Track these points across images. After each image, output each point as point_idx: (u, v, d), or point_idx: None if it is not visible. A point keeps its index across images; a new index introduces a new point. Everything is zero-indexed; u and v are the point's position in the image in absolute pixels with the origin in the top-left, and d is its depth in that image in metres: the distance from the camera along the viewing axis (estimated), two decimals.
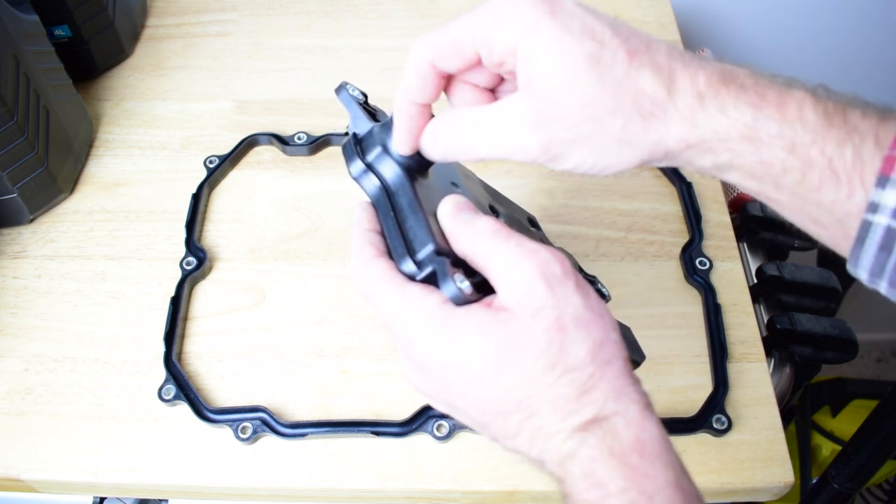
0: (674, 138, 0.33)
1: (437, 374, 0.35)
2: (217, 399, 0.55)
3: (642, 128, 0.33)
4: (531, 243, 0.34)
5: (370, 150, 0.39)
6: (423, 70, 0.36)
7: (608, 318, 0.34)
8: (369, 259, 0.36)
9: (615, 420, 0.32)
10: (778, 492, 0.52)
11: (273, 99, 0.74)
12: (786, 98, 0.31)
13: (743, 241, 0.71)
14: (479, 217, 0.36)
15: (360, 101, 0.43)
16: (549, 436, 0.33)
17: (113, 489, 0.53)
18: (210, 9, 0.83)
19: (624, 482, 0.30)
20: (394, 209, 0.38)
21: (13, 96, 0.58)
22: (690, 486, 0.32)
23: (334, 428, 0.52)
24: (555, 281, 0.33)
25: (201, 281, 0.61)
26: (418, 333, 0.34)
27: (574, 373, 0.32)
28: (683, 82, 0.33)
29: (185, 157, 0.69)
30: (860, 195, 0.30)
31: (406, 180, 0.38)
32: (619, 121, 0.33)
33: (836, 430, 1.04)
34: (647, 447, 0.31)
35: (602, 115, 0.33)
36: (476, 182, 0.48)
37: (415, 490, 0.51)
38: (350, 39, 0.79)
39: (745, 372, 0.55)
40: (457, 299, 0.34)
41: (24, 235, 0.64)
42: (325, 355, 0.57)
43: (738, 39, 1.01)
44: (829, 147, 0.30)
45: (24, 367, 0.56)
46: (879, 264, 0.30)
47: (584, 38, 0.33)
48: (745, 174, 0.33)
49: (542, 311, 0.33)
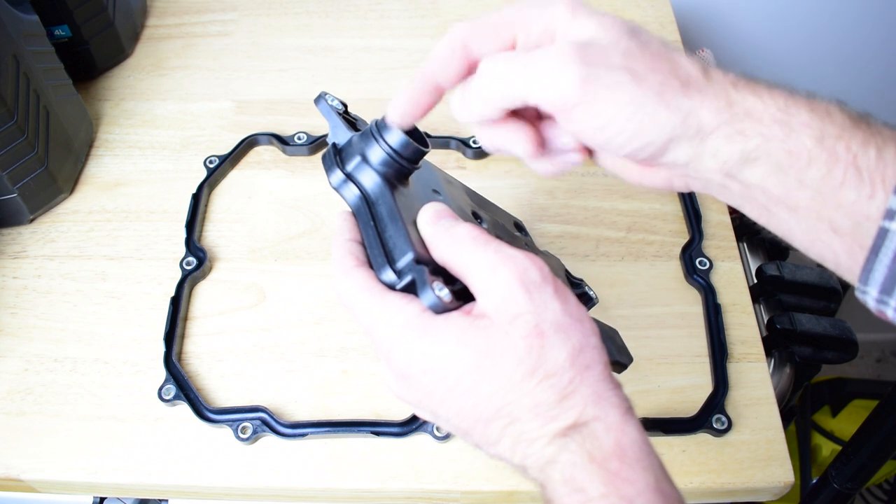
0: (709, 109, 0.32)
1: (417, 381, 0.35)
2: (217, 399, 0.55)
3: (680, 91, 0.33)
4: (510, 249, 0.34)
5: (350, 160, 0.39)
6: (454, 48, 0.36)
7: (588, 324, 0.34)
8: (349, 269, 0.37)
9: (595, 425, 0.32)
10: (778, 492, 0.52)
11: (273, 99, 0.74)
12: (814, 99, 0.32)
13: (743, 241, 0.71)
14: (458, 224, 0.36)
15: (339, 111, 0.43)
16: (531, 441, 0.33)
17: (113, 489, 0.53)
18: (210, 9, 0.83)
19: (604, 487, 0.31)
20: (374, 218, 0.38)
21: (13, 96, 0.58)
22: (671, 490, 0.32)
23: (334, 428, 0.52)
24: (533, 287, 0.33)
25: (201, 281, 0.61)
26: (398, 342, 0.35)
27: (553, 378, 0.32)
28: (717, 73, 0.33)
29: (185, 157, 0.69)
30: (881, 197, 0.30)
31: (386, 189, 0.38)
32: (659, 76, 0.32)
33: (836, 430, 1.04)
34: (627, 452, 0.31)
35: (642, 68, 0.33)
36: (459, 188, 0.48)
37: (415, 490, 0.51)
38: (350, 39, 0.79)
39: (745, 372, 0.55)
40: (436, 307, 0.34)
41: (24, 235, 0.64)
42: (325, 355, 0.57)
43: (738, 39, 1.01)
44: (855, 144, 0.30)
45: (24, 367, 0.56)
46: (892, 277, 0.30)
47: (618, 19, 0.34)
48: (772, 166, 0.32)
49: (520, 318, 0.33)
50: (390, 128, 0.38)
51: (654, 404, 0.54)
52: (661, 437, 0.52)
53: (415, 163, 0.40)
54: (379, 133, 0.39)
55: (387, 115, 0.38)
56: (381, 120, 0.39)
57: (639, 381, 0.55)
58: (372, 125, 0.39)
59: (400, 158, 0.39)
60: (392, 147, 0.39)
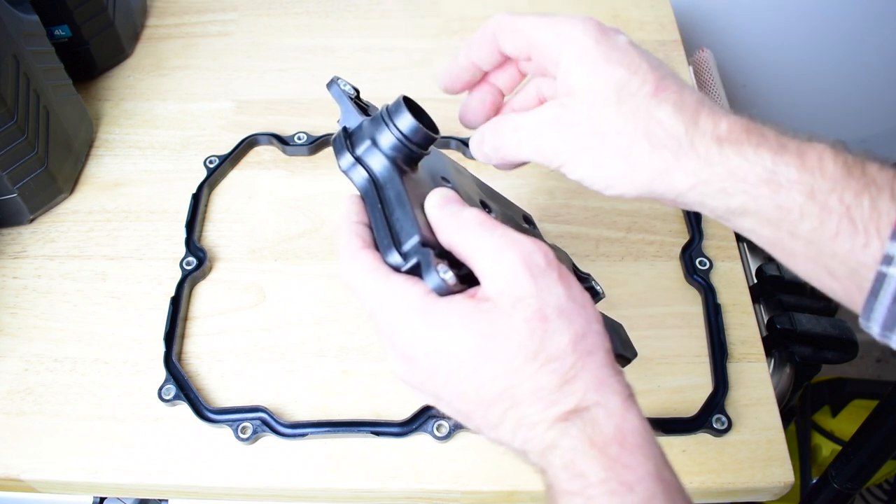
0: (684, 171, 0.34)
1: (420, 364, 0.35)
2: (217, 399, 0.55)
3: (648, 152, 0.34)
4: (515, 234, 0.35)
5: (360, 144, 0.40)
6: (487, 36, 0.40)
7: (591, 310, 0.34)
8: (355, 250, 0.37)
9: (596, 410, 0.32)
10: (778, 492, 0.52)
11: (273, 99, 0.74)
12: (806, 149, 0.32)
13: (743, 241, 0.71)
14: (465, 208, 0.36)
15: (351, 96, 0.43)
16: (532, 426, 0.33)
17: (113, 489, 0.53)
18: (210, 9, 0.83)
19: (604, 473, 0.31)
20: (381, 202, 0.38)
21: (13, 96, 0.58)
22: (672, 478, 0.32)
23: (334, 428, 0.52)
24: (538, 271, 0.33)
25: (201, 281, 0.61)
26: (401, 324, 0.35)
27: (555, 362, 0.32)
28: (705, 125, 0.34)
29: (185, 157, 0.69)
30: (876, 245, 0.30)
31: (395, 173, 0.39)
32: (625, 140, 0.35)
33: (836, 430, 1.04)
34: (627, 438, 0.31)
35: (609, 131, 0.35)
36: (468, 178, 0.48)
37: (415, 490, 0.51)
38: (350, 39, 0.79)
39: (745, 372, 0.55)
40: (440, 290, 0.35)
41: (24, 235, 0.64)
42: (325, 355, 0.57)
43: (738, 39, 1.01)
44: (848, 196, 0.31)
45: (24, 367, 0.56)
46: (892, 317, 0.30)
47: (619, 66, 0.36)
48: (761, 220, 0.33)
49: (523, 301, 0.33)
50: (401, 112, 0.39)
51: (654, 404, 0.54)
52: (661, 437, 0.52)
53: (424, 148, 0.40)
54: (389, 118, 0.39)
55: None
56: (391, 105, 0.39)
57: (639, 381, 0.55)
58: (383, 110, 0.40)
59: (409, 143, 0.39)
60: (402, 132, 0.39)
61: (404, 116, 0.39)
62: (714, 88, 0.80)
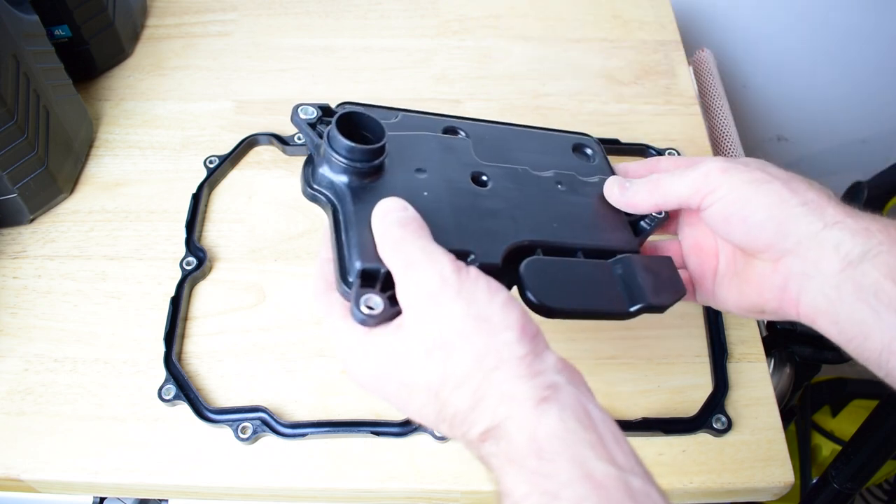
0: (833, 207, 0.38)
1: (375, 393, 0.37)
2: (217, 399, 0.55)
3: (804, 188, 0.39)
4: (424, 251, 0.34)
5: (316, 172, 0.39)
6: (648, 167, 0.48)
7: (498, 318, 0.33)
8: (319, 294, 0.39)
9: (507, 424, 0.31)
10: (778, 492, 0.52)
11: (273, 99, 0.74)
12: None
13: None
14: (392, 225, 0.36)
15: (311, 122, 0.42)
16: (470, 445, 0.34)
17: (113, 489, 0.53)
18: (210, 9, 0.83)
19: (525, 487, 0.30)
20: (337, 229, 0.38)
21: (13, 96, 0.58)
22: (607, 471, 0.29)
23: (334, 428, 0.52)
24: (437, 291, 0.33)
25: (201, 281, 0.61)
26: (348, 364, 0.37)
27: (462, 388, 0.32)
28: (840, 221, 0.38)
29: (185, 157, 0.69)
30: None
31: (346, 196, 0.38)
32: (780, 182, 0.39)
33: (836, 430, 1.04)
34: (543, 446, 0.30)
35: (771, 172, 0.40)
36: (464, 149, 0.45)
37: (415, 490, 0.51)
38: (350, 39, 0.79)
39: (745, 372, 0.55)
40: (364, 324, 0.35)
41: (24, 235, 0.64)
42: (325, 355, 0.57)
43: (738, 39, 1.01)
44: None
45: (24, 367, 0.56)
46: None
47: (755, 168, 0.41)
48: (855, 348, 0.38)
49: (424, 327, 0.33)
50: (335, 137, 0.38)
51: (654, 404, 0.54)
52: (661, 437, 0.52)
53: (371, 161, 0.39)
54: (328, 143, 0.38)
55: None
56: (331, 127, 0.38)
57: (639, 381, 0.55)
58: (326, 133, 0.39)
59: (353, 162, 0.38)
60: (342, 154, 0.38)
61: (337, 139, 0.38)
62: (714, 88, 0.80)
